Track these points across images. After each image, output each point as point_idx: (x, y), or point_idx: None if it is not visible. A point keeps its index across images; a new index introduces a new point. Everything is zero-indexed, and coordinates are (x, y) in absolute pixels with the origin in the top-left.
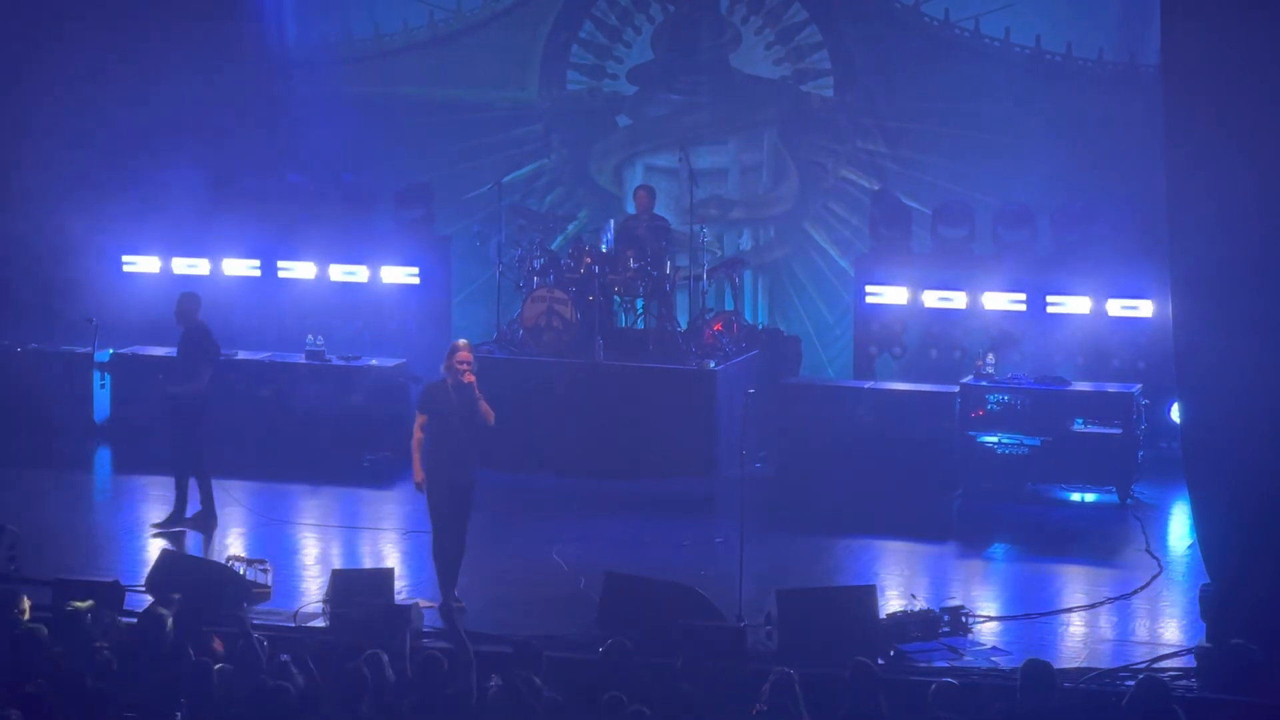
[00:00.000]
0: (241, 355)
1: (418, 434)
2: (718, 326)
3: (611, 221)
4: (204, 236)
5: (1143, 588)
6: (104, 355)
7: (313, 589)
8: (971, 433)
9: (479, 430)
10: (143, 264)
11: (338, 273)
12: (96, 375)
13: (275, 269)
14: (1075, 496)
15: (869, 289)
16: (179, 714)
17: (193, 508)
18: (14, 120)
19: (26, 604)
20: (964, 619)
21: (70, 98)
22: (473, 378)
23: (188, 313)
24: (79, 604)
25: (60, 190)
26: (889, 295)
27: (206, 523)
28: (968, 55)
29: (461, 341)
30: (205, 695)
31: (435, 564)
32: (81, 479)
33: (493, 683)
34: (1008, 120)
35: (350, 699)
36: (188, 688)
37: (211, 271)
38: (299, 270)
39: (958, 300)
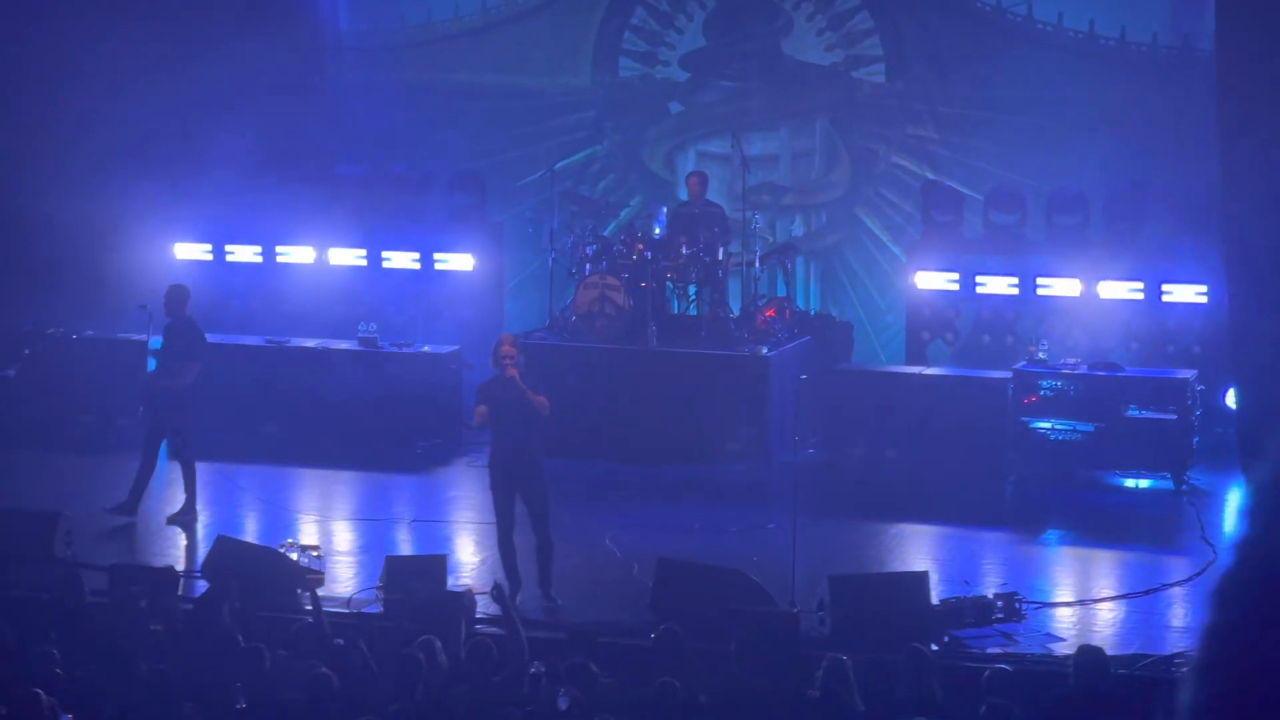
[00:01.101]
0: (294, 343)
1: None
2: (770, 313)
3: (664, 208)
4: (256, 224)
5: (1197, 574)
6: (156, 342)
7: (366, 575)
8: (1025, 419)
9: (537, 423)
10: (195, 251)
11: (390, 259)
12: (150, 362)
13: (327, 256)
14: (1129, 483)
15: (921, 275)
16: (238, 698)
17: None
18: (63, 105)
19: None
20: (1017, 605)
21: (118, 82)
22: (515, 371)
23: (176, 305)
24: None
25: (111, 176)
26: (941, 281)
27: (131, 510)
28: (1020, 40)
29: (505, 335)
30: (259, 680)
31: (500, 556)
32: (135, 465)
33: (534, 669)
34: (1060, 105)
35: (404, 684)
36: (242, 672)
37: (264, 259)
38: (351, 257)
39: (1010, 286)
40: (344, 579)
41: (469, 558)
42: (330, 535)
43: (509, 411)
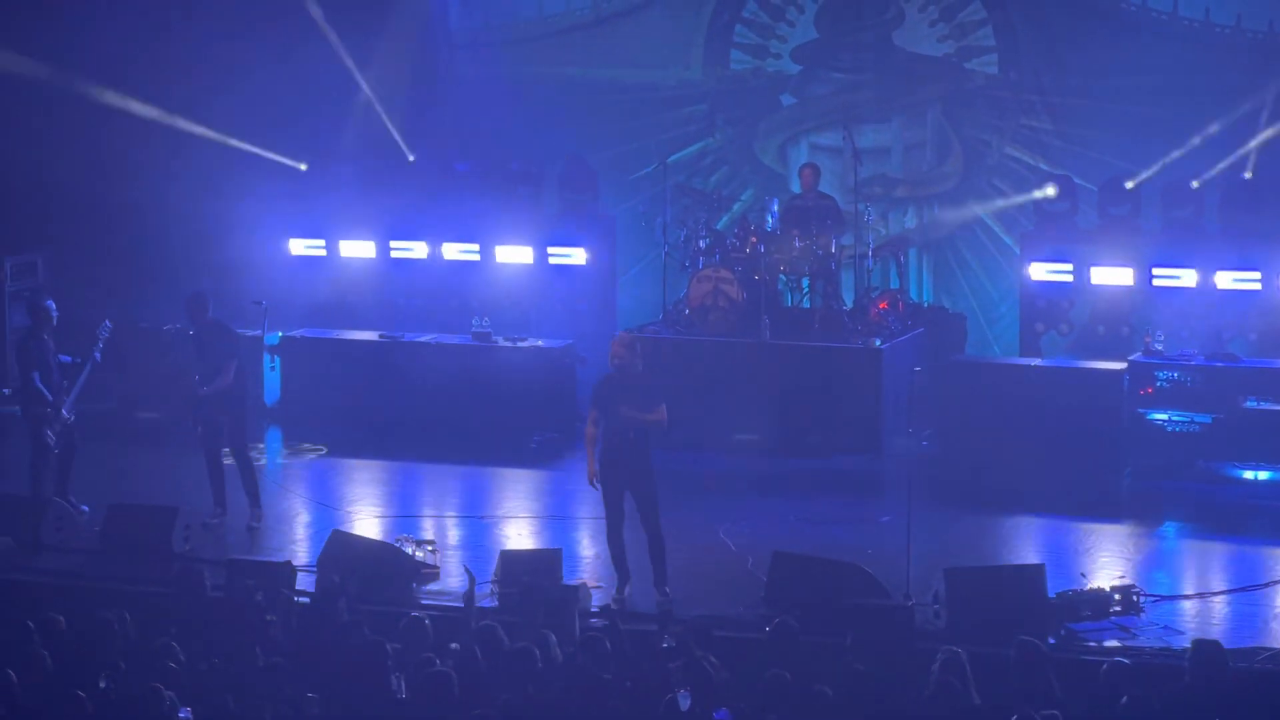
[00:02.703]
0: (408, 338)
1: (589, 430)
2: (883, 305)
3: (776, 200)
4: (370, 219)
5: None
6: (273, 338)
7: (481, 569)
8: (1141, 410)
9: (646, 422)
10: (310, 247)
11: (503, 254)
12: (266, 358)
13: (440, 251)
14: (1248, 474)
15: (1035, 266)
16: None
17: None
18: (180, 102)
19: None
20: (1135, 598)
21: (233, 79)
22: (624, 368)
23: (199, 311)
24: None
25: (226, 172)
26: (1055, 272)
27: (219, 516)
28: (1134, 29)
29: (620, 335)
30: (378, 672)
31: (610, 550)
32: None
33: (666, 643)
34: (1175, 94)
35: (518, 678)
36: (359, 664)
37: (377, 254)
38: (464, 252)
39: (1125, 277)
40: (457, 573)
41: (584, 551)
42: (443, 530)
43: (621, 410)
